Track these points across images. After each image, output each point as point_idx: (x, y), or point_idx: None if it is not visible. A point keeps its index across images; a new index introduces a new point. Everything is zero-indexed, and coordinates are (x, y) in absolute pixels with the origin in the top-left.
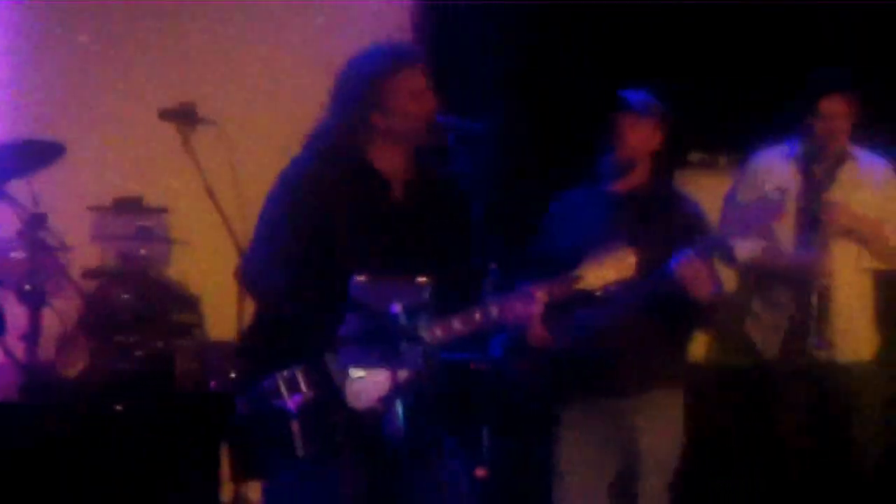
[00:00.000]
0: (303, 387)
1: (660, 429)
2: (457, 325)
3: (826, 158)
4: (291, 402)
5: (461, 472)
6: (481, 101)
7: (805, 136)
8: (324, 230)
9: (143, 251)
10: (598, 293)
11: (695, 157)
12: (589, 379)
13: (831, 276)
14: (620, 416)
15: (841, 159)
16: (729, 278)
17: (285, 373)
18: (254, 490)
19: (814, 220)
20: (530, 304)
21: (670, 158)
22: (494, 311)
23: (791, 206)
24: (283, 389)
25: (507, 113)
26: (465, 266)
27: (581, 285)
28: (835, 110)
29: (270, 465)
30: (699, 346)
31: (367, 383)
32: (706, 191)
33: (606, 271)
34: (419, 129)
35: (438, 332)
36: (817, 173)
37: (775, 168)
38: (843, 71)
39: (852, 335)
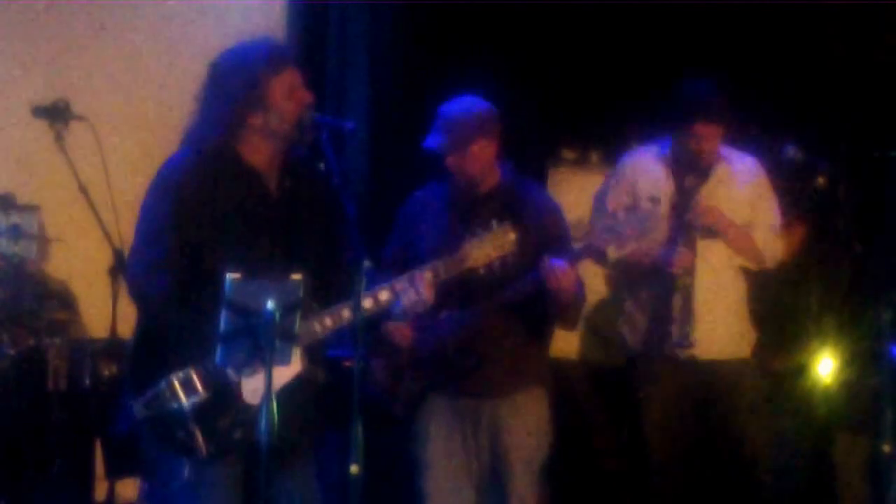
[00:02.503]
0: (199, 387)
1: (524, 428)
2: (332, 320)
3: (697, 166)
4: (189, 403)
5: (334, 470)
6: (353, 99)
7: (676, 144)
8: (201, 228)
9: (15, 248)
10: (481, 271)
11: (567, 154)
12: (453, 380)
13: (694, 275)
14: (485, 416)
15: (713, 163)
16: (604, 277)
17: (180, 374)
18: (126, 487)
19: (683, 220)
20: (419, 286)
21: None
22: (384, 296)
23: (663, 208)
24: (179, 391)
25: (378, 111)
26: (339, 263)
27: (466, 264)
28: (706, 132)
29: (161, 465)
30: (575, 345)
31: (262, 380)
32: (578, 187)
33: (488, 248)
34: (293, 127)
35: (316, 329)
36: (688, 177)
37: (647, 169)
38: (715, 90)
39: (722, 334)
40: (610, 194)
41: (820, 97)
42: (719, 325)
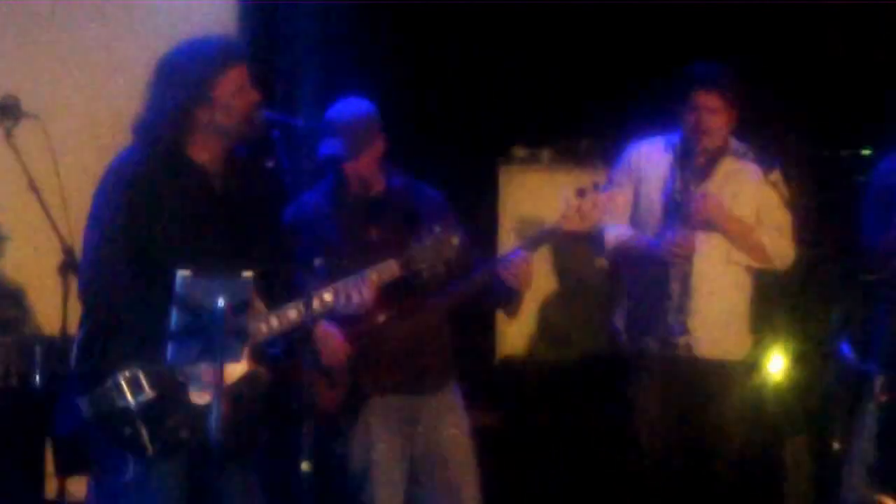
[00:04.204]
0: (146, 385)
1: (459, 422)
2: (279, 320)
3: (702, 152)
4: (135, 401)
5: (282, 468)
6: (303, 97)
7: (682, 129)
8: (150, 225)
9: None
10: (424, 274)
11: (518, 152)
12: (390, 378)
13: (692, 263)
14: (422, 412)
15: (719, 154)
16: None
17: (127, 372)
18: (76, 484)
19: (683, 210)
20: (364, 287)
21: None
22: (328, 296)
23: (656, 196)
24: (126, 389)
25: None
26: (288, 261)
27: (410, 268)
28: (708, 104)
29: (108, 462)
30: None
31: (209, 379)
32: (529, 185)
33: (432, 254)
34: (242, 124)
35: (265, 327)
36: (694, 165)
37: (652, 159)
38: (720, 67)
39: (720, 330)
40: (612, 185)
41: (771, 96)
42: (715, 321)
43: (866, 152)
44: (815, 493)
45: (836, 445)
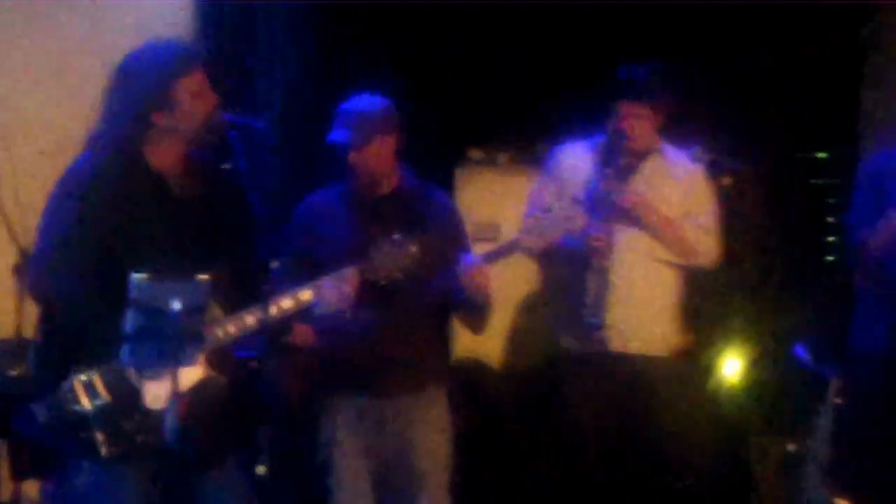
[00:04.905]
0: (101, 390)
1: (429, 428)
2: (236, 326)
3: (627, 153)
4: (91, 406)
5: (242, 472)
6: (261, 99)
7: (608, 132)
8: (107, 229)
9: None
10: (382, 282)
11: (474, 154)
12: (357, 380)
13: (611, 259)
14: (389, 416)
15: (646, 154)
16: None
17: (83, 377)
18: (32, 488)
19: (605, 206)
20: (345, 285)
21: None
22: (305, 295)
23: (581, 196)
24: (81, 394)
25: (287, 110)
26: (247, 263)
27: (369, 276)
28: (632, 111)
29: (65, 467)
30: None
31: (164, 384)
32: (485, 187)
33: (390, 264)
34: (201, 127)
35: (219, 335)
36: (618, 166)
37: (576, 162)
38: (645, 70)
39: (640, 325)
40: (539, 190)
41: (729, 98)
42: (635, 317)
43: (822, 155)
44: (782, 492)
45: (791, 447)
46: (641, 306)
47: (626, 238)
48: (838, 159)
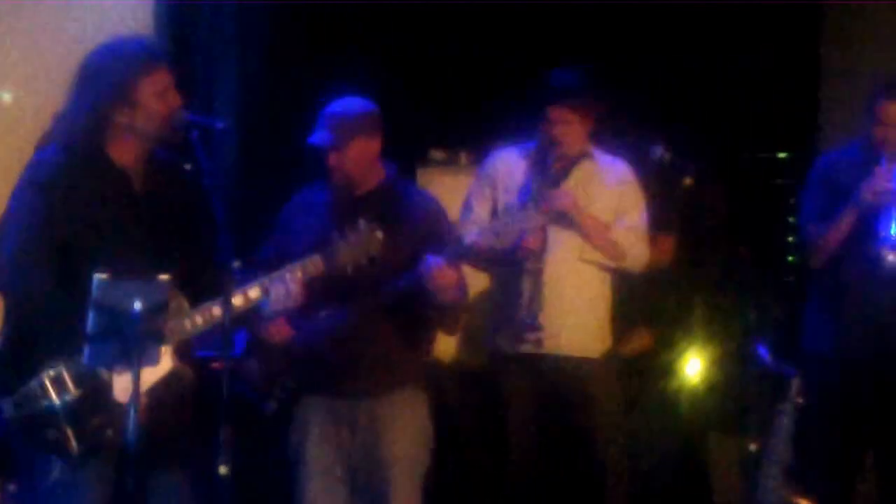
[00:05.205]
0: (70, 385)
1: (402, 429)
2: (203, 317)
3: (559, 158)
4: (60, 401)
5: (201, 472)
6: (222, 99)
7: (539, 137)
8: (70, 226)
9: None
10: (348, 271)
11: (436, 154)
12: (329, 380)
13: (543, 261)
14: (362, 416)
15: (577, 159)
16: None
17: (52, 371)
18: None
19: (537, 208)
20: (289, 282)
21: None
22: (254, 293)
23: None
24: (50, 389)
25: (248, 110)
26: (208, 262)
27: (333, 264)
28: (562, 117)
29: (33, 464)
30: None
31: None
32: (447, 188)
33: (355, 250)
34: (163, 126)
35: (187, 326)
36: (549, 171)
37: (508, 167)
38: (575, 76)
39: (573, 326)
40: (473, 194)
41: (691, 98)
42: (571, 319)
43: (783, 155)
44: (741, 492)
45: (752, 447)
46: (572, 307)
47: (557, 239)
48: (799, 159)
